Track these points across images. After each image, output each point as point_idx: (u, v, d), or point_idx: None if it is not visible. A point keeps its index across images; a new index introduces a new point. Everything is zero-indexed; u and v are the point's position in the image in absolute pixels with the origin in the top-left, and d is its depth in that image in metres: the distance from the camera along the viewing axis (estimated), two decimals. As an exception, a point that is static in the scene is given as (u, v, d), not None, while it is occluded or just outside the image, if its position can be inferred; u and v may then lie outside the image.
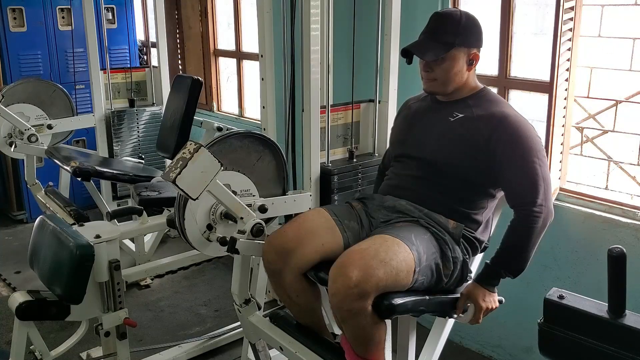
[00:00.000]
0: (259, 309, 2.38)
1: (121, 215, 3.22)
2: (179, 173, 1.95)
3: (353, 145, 2.79)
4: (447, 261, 1.99)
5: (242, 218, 2.19)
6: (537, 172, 1.97)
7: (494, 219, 2.23)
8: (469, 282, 2.06)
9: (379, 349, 1.91)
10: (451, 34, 2.03)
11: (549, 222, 1.99)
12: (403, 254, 1.86)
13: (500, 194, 2.12)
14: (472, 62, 2.07)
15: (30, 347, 2.27)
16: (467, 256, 2.06)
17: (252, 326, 2.31)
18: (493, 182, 2.07)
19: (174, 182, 1.94)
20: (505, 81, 2.89)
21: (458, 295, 2.04)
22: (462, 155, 2.04)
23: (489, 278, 2.00)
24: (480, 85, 2.16)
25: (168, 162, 4.18)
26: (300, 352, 2.10)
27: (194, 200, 2.03)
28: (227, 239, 2.27)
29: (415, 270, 1.88)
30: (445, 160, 2.07)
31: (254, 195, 2.42)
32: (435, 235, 2.01)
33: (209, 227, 2.37)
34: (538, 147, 2.00)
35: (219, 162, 2.03)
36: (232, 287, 2.33)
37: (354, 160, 2.72)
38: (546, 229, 1.99)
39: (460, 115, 2.08)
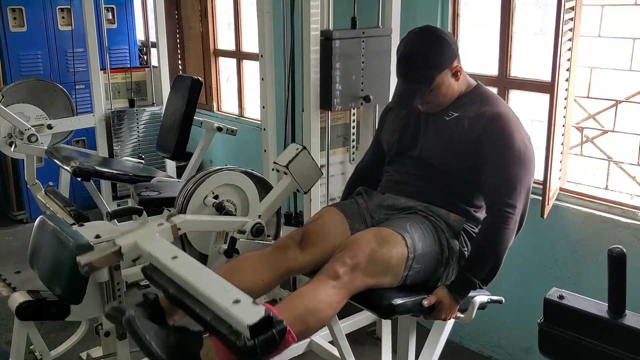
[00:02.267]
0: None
1: (121, 215, 3.20)
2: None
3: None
4: (443, 250, 2.00)
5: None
6: (517, 176, 1.94)
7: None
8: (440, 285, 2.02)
9: (306, 325, 1.78)
10: (426, 69, 1.99)
11: (519, 227, 1.96)
12: (394, 241, 1.91)
13: None
14: (456, 73, 2.05)
15: (30, 347, 2.27)
16: (466, 249, 2.05)
17: None
18: None
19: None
20: (505, 81, 2.88)
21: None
22: (457, 155, 2.04)
23: (457, 285, 1.96)
24: (474, 83, 2.14)
25: (168, 162, 4.19)
26: None
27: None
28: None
29: (408, 257, 1.91)
30: (441, 160, 2.07)
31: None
32: (434, 223, 2.02)
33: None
34: (524, 152, 1.97)
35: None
36: None
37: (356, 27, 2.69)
38: (516, 234, 1.96)
39: (455, 115, 2.07)
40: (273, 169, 2.32)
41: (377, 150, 2.34)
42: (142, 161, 4.10)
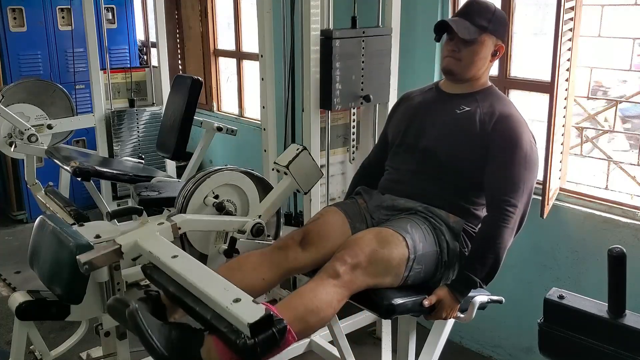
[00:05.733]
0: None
1: (121, 215, 3.20)
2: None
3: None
4: (442, 252, 2.00)
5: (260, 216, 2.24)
6: (521, 176, 1.97)
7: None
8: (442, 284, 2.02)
9: (304, 323, 1.75)
10: (485, 20, 2.06)
11: (518, 227, 1.98)
12: (395, 242, 1.91)
13: None
14: (496, 52, 2.11)
15: (30, 347, 2.27)
16: (466, 249, 2.05)
17: None
18: None
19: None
20: (506, 81, 2.88)
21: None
22: (463, 148, 2.05)
23: (457, 284, 1.96)
24: (489, 83, 2.18)
25: (168, 162, 4.19)
26: None
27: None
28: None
29: (409, 257, 1.91)
30: (445, 150, 2.08)
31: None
32: (434, 225, 2.02)
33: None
34: (530, 154, 2.00)
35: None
36: None
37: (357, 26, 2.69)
38: (515, 234, 1.97)
39: (467, 109, 2.09)
40: (273, 169, 2.33)
41: (384, 145, 2.34)
42: (142, 161, 4.09)
